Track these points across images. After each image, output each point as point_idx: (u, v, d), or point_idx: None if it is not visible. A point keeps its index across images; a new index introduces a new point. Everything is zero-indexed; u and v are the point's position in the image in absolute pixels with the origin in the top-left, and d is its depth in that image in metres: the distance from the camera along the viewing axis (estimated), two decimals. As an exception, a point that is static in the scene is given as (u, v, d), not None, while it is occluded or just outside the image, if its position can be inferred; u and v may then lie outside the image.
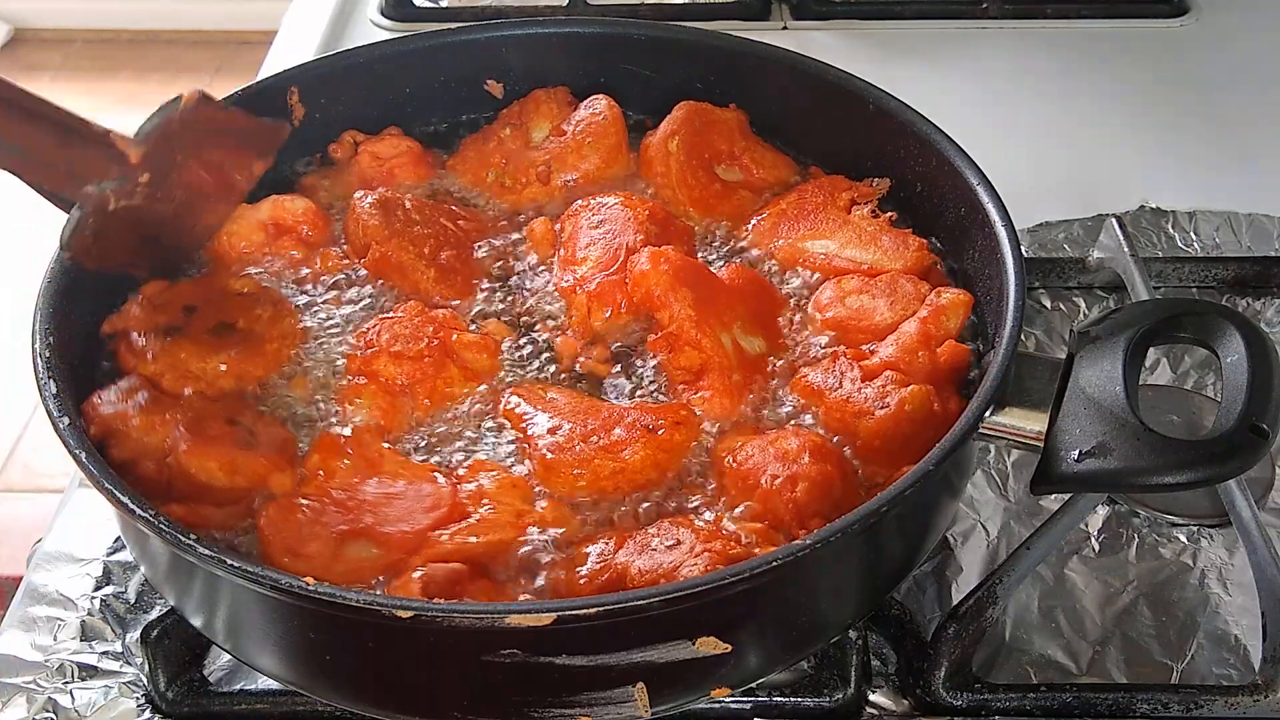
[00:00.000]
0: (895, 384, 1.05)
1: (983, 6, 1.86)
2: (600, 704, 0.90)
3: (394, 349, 1.08)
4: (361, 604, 0.84)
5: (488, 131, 1.33)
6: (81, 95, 4.17)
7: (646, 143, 1.30)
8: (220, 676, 1.08)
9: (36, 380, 0.99)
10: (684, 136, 1.28)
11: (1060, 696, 1.03)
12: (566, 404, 1.07)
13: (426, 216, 1.22)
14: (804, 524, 0.98)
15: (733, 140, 1.31)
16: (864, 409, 1.05)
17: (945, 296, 1.12)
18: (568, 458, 1.02)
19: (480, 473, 1.02)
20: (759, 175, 1.30)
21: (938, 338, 1.09)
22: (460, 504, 0.99)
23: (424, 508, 0.99)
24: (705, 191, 1.27)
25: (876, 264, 1.19)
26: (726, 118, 1.31)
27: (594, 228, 1.20)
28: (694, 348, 1.10)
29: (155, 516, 0.89)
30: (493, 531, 0.97)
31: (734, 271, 1.18)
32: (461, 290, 1.18)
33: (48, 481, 3.01)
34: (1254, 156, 1.61)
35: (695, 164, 1.28)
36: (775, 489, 0.99)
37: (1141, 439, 0.93)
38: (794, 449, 1.01)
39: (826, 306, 1.16)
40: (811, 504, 0.98)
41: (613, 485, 1.02)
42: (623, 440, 1.03)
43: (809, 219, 1.23)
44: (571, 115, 1.31)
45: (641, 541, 0.97)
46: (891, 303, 1.14)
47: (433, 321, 1.12)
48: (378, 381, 1.08)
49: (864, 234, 1.21)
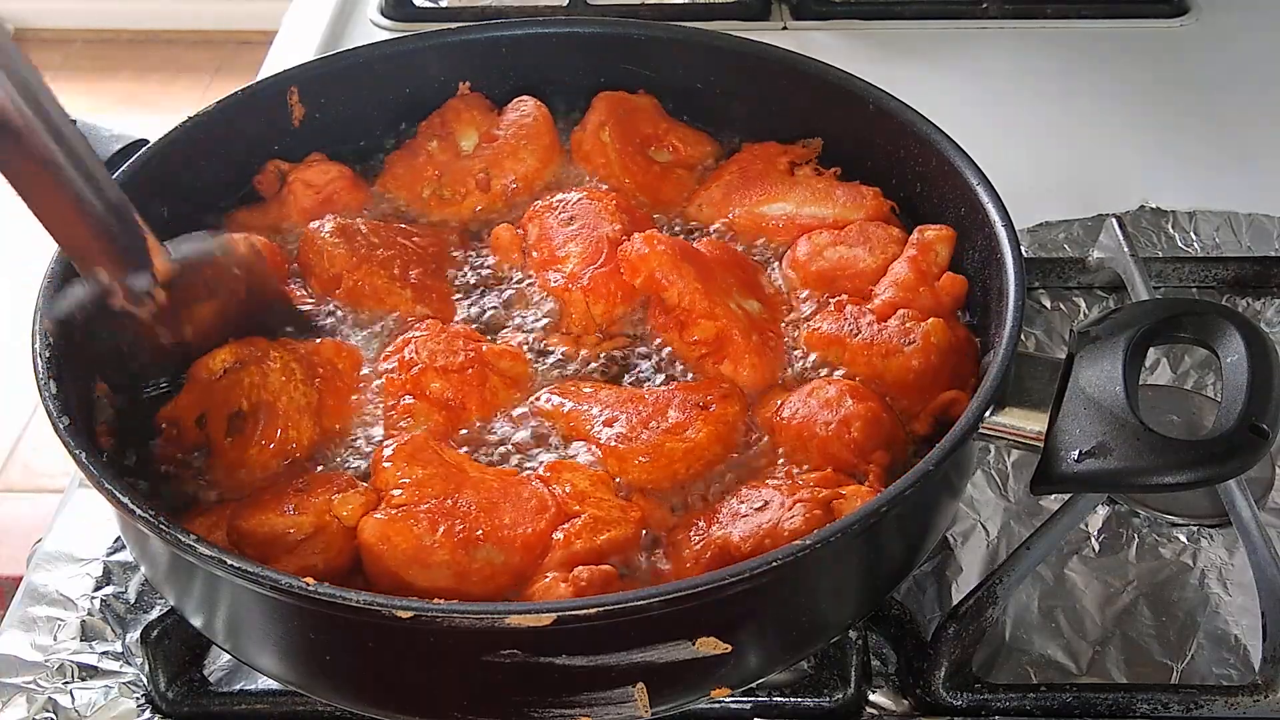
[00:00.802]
0: (912, 320, 1.09)
1: (983, 6, 1.86)
2: (600, 704, 0.90)
3: (438, 364, 1.07)
4: (362, 604, 0.84)
5: (413, 146, 1.31)
6: (81, 95, 4.17)
7: (578, 137, 1.31)
8: (220, 676, 1.08)
9: (36, 380, 0.98)
10: (613, 125, 1.30)
11: (1060, 696, 1.03)
12: (609, 396, 1.08)
13: (385, 238, 1.20)
14: (868, 459, 1.01)
15: (655, 123, 1.33)
16: (891, 347, 1.08)
17: (929, 233, 1.16)
18: (637, 445, 1.03)
19: (565, 473, 1.01)
20: (687, 152, 1.32)
21: (933, 273, 1.13)
22: (563, 504, 0.99)
23: (533, 510, 0.98)
24: (647, 175, 1.29)
25: (839, 217, 1.22)
26: (643, 103, 1.33)
27: (566, 225, 1.20)
28: (708, 318, 1.11)
29: (155, 517, 0.89)
30: (613, 528, 0.97)
31: (710, 244, 1.20)
32: (439, 306, 1.17)
33: (48, 481, 3.01)
34: (1254, 156, 1.61)
35: (631, 149, 1.29)
36: (833, 434, 1.02)
37: (1142, 439, 0.93)
38: (834, 395, 1.04)
39: (806, 262, 1.18)
40: (869, 440, 1.02)
41: (685, 466, 1.03)
42: (682, 421, 1.04)
43: (757, 185, 1.26)
44: (500, 120, 1.32)
45: (731, 511, 0.98)
46: (870, 249, 1.18)
47: (460, 335, 1.11)
48: (427, 399, 1.07)
49: (817, 191, 1.24)
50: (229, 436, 1.04)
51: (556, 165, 1.31)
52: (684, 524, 1.00)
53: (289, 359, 1.07)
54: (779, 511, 0.96)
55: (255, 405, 1.04)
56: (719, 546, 0.96)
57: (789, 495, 0.97)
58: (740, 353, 1.10)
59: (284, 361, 1.06)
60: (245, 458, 1.03)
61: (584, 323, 1.15)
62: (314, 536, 0.96)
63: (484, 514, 0.97)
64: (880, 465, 1.01)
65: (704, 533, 0.98)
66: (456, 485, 0.98)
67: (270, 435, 1.03)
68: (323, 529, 0.96)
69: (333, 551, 0.96)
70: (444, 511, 0.96)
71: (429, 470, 0.99)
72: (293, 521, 0.96)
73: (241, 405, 1.04)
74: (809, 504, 0.95)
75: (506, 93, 1.35)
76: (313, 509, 0.97)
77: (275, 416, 1.04)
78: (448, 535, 0.95)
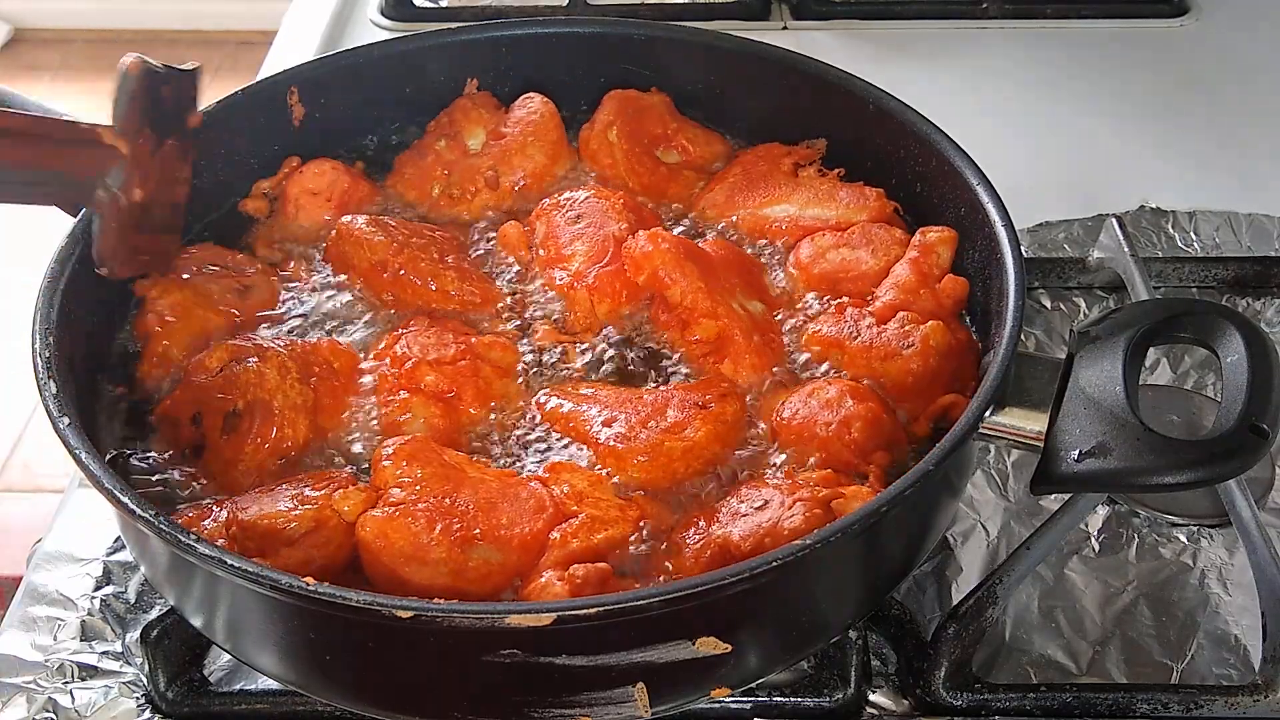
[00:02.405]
0: (912, 323, 1.09)
1: (983, 6, 1.86)
2: (600, 704, 0.90)
3: (430, 357, 1.08)
4: (362, 604, 0.84)
5: (421, 147, 1.32)
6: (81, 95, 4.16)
7: (586, 136, 1.31)
8: (220, 676, 1.08)
9: (36, 380, 0.98)
10: (621, 125, 1.30)
11: (1060, 696, 1.03)
12: (608, 396, 1.08)
13: (413, 229, 1.21)
14: (868, 460, 1.01)
15: (664, 123, 1.32)
16: (890, 350, 1.08)
17: (931, 234, 1.16)
18: (636, 445, 1.03)
19: (564, 473, 1.02)
20: (696, 153, 1.32)
21: (934, 275, 1.13)
22: (561, 504, 0.99)
23: (530, 510, 0.98)
24: (653, 176, 1.29)
25: (842, 218, 1.21)
26: (654, 102, 1.33)
27: (572, 223, 1.20)
28: (710, 317, 1.11)
29: (155, 517, 0.89)
30: (610, 527, 0.97)
31: (715, 244, 1.20)
32: (484, 290, 1.18)
33: (48, 481, 3.01)
34: (1254, 157, 1.61)
35: (638, 150, 1.29)
36: (833, 434, 1.03)
37: (1141, 439, 0.93)
38: (835, 395, 1.04)
39: (809, 264, 1.18)
40: (869, 441, 1.02)
41: (684, 465, 1.03)
42: (681, 421, 1.04)
43: (760, 187, 1.26)
44: (507, 117, 1.32)
45: (731, 511, 0.98)
46: (873, 250, 1.18)
47: (449, 329, 1.11)
48: (422, 393, 1.07)
49: (820, 192, 1.24)
50: (224, 434, 1.04)
51: (565, 162, 1.31)
52: (684, 523, 1.00)
53: (285, 358, 1.07)
54: (779, 511, 0.96)
55: (251, 404, 1.04)
56: (719, 545, 0.96)
57: (789, 495, 0.97)
58: (740, 353, 1.10)
59: (280, 360, 1.07)
60: (240, 456, 1.03)
61: (588, 321, 1.16)
62: (314, 531, 0.96)
63: (481, 513, 0.97)
64: (880, 466, 1.01)
65: (704, 532, 0.98)
66: (455, 485, 0.98)
67: (266, 434, 1.04)
68: (323, 524, 0.96)
69: (332, 546, 0.96)
70: (442, 510, 0.96)
71: (428, 470, 0.99)
72: (293, 516, 0.96)
73: (237, 404, 1.05)
74: (809, 503, 0.96)
75: (507, 93, 1.35)
76: (314, 504, 0.97)
77: (271, 415, 1.04)
78: (445, 533, 0.95)
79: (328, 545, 0.96)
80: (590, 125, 1.32)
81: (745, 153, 1.31)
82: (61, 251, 1.08)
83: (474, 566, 0.95)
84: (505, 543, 0.96)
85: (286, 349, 1.08)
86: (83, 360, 1.07)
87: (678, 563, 0.97)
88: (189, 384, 1.07)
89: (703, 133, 1.34)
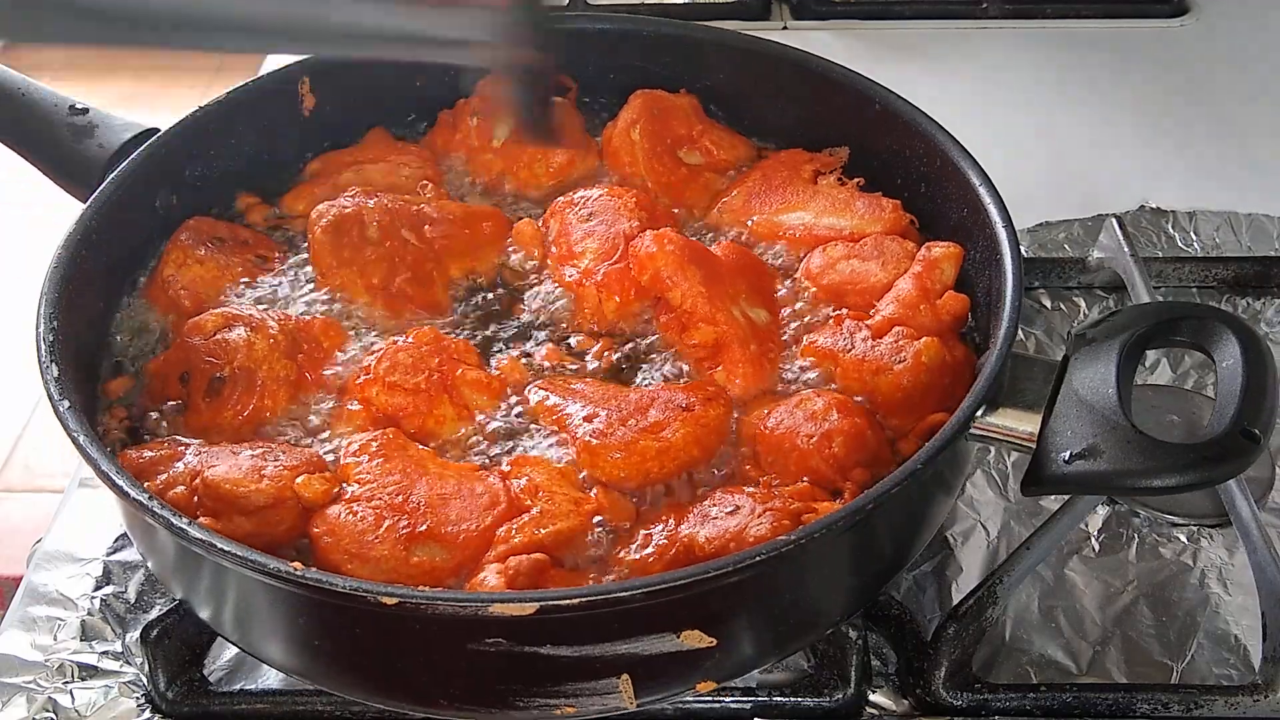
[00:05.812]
0: (907, 338, 1.08)
1: (983, 6, 1.86)
2: (586, 694, 0.91)
3: (390, 379, 1.07)
4: (347, 590, 0.85)
5: (458, 113, 1.33)
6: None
7: (608, 134, 1.31)
8: (220, 676, 1.08)
9: (39, 363, 0.99)
10: (644, 124, 1.30)
11: (1060, 696, 1.03)
12: (595, 392, 1.08)
13: (385, 231, 1.19)
14: (847, 476, 1.01)
15: (690, 124, 1.32)
16: (882, 365, 1.07)
17: (936, 250, 1.15)
18: (611, 442, 1.03)
19: (526, 467, 1.02)
20: (720, 156, 1.32)
21: (936, 290, 1.12)
22: (516, 499, 0.99)
23: (482, 506, 0.99)
24: (673, 177, 1.29)
25: (856, 229, 1.21)
26: (681, 103, 1.33)
27: (585, 221, 1.20)
28: (708, 323, 1.11)
29: (150, 499, 0.90)
30: (559, 521, 0.98)
31: (727, 248, 1.20)
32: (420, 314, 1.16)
33: (48, 481, 3.01)
34: (1254, 156, 1.62)
35: (660, 150, 1.29)
36: (813, 448, 1.02)
37: (1132, 442, 0.93)
38: (821, 408, 1.04)
39: (819, 274, 1.18)
40: (850, 456, 1.01)
41: (658, 466, 1.03)
42: (661, 421, 1.04)
43: (778, 193, 1.25)
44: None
45: (701, 513, 0.98)
46: (883, 263, 1.17)
47: (440, 353, 1.10)
48: (369, 410, 1.07)
49: (837, 201, 1.23)
50: (206, 398, 1.07)
51: (587, 161, 1.31)
52: (649, 519, 1.00)
53: (275, 331, 1.09)
54: (747, 518, 0.96)
55: (236, 371, 1.07)
56: (684, 545, 0.96)
57: (760, 504, 0.97)
58: (735, 361, 1.10)
59: (269, 333, 1.09)
60: (218, 420, 1.06)
61: (596, 318, 1.16)
62: (271, 507, 0.98)
63: (431, 510, 0.98)
64: (857, 483, 1.00)
65: (671, 530, 0.98)
66: (412, 481, 1.00)
67: (246, 402, 1.07)
68: (280, 503, 0.98)
69: (284, 525, 0.99)
70: (392, 507, 0.98)
71: (390, 464, 1.01)
72: (256, 490, 0.98)
73: (223, 369, 1.07)
74: (778, 514, 0.95)
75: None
76: (276, 482, 0.99)
77: (253, 385, 1.07)
78: (390, 531, 0.97)
79: (279, 524, 0.99)
80: (613, 124, 1.32)
81: (767, 159, 1.30)
82: (69, 237, 1.09)
83: (416, 563, 0.96)
84: (451, 540, 0.97)
85: (279, 322, 1.11)
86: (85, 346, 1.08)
87: (641, 559, 0.97)
88: (182, 343, 1.10)
89: (728, 135, 1.33)
